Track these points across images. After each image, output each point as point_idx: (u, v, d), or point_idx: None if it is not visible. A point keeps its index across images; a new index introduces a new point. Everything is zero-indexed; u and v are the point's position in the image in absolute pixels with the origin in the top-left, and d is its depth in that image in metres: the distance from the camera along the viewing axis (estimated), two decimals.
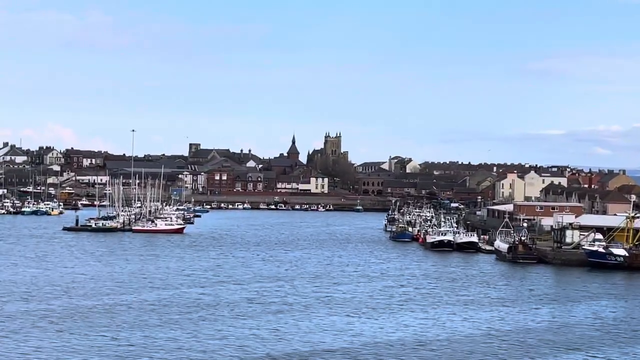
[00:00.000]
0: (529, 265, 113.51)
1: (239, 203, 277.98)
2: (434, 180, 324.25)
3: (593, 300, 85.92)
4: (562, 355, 60.67)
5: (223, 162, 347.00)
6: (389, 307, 79.09)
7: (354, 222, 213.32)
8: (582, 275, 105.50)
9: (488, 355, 59.37)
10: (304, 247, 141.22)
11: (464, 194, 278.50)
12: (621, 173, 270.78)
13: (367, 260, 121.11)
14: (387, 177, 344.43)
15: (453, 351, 60.47)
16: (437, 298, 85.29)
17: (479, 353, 59.93)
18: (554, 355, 60.63)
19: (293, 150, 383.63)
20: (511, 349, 61.91)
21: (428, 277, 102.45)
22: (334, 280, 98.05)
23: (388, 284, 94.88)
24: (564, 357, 60.22)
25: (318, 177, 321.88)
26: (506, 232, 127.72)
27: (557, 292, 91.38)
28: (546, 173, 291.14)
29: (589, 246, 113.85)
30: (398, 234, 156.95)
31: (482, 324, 71.45)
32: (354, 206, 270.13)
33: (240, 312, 73.95)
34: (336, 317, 72.30)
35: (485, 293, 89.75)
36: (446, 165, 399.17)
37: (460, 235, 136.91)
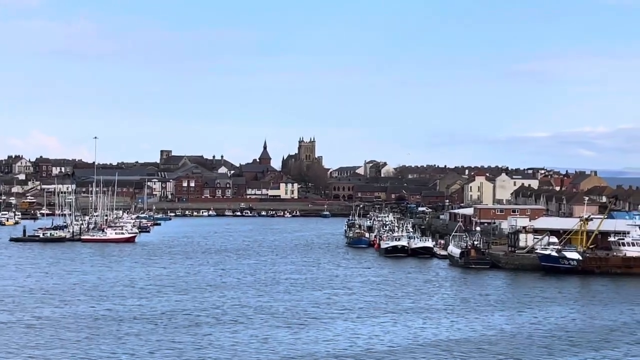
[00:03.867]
0: (481, 271, 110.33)
1: (204, 210, 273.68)
2: (405, 184, 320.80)
3: (545, 306, 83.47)
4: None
5: (193, 169, 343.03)
6: (328, 316, 76.86)
7: (318, 228, 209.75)
8: (535, 280, 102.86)
9: None
10: (258, 255, 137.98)
11: (433, 197, 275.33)
12: (592, 174, 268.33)
13: (318, 268, 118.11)
14: (358, 181, 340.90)
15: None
16: (378, 307, 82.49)
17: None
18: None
19: (265, 156, 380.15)
20: (458, 358, 59.86)
21: (373, 285, 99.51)
22: (279, 288, 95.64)
23: (332, 293, 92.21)
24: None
25: (288, 182, 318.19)
26: (460, 237, 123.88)
27: (508, 298, 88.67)
28: (518, 175, 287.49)
29: (542, 250, 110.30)
30: (354, 240, 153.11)
31: (424, 332, 69.35)
32: (322, 212, 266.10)
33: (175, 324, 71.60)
34: (273, 329, 70.10)
35: (432, 300, 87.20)
36: (422, 169, 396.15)
37: (415, 241, 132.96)
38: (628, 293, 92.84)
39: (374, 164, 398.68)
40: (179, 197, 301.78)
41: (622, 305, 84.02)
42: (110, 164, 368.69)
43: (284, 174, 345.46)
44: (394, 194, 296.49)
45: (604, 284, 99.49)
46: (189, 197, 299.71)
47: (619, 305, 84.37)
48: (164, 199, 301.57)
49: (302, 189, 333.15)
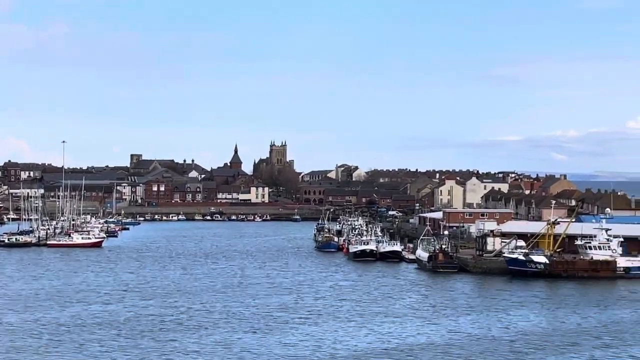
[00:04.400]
0: (449, 274, 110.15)
1: (173, 214, 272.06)
2: (376, 188, 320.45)
3: (512, 310, 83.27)
4: None
5: (164, 173, 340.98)
6: (294, 321, 76.41)
7: (289, 232, 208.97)
8: (502, 284, 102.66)
9: None
10: (227, 259, 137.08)
11: (403, 201, 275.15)
12: (562, 178, 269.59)
13: (286, 272, 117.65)
14: (329, 185, 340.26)
15: None
16: (345, 311, 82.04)
17: None
18: None
19: (236, 160, 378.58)
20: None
21: (341, 289, 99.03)
22: (247, 293, 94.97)
23: (299, 297, 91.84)
24: None
25: (259, 186, 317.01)
26: (428, 241, 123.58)
27: (475, 302, 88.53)
28: (488, 179, 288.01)
29: (510, 254, 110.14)
30: (323, 244, 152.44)
31: (390, 337, 68.90)
32: (292, 216, 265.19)
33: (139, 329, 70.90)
34: (239, 334, 69.58)
35: (399, 304, 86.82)
36: (394, 172, 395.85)
37: (383, 245, 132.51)
38: (594, 297, 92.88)
39: (346, 168, 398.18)
40: (148, 201, 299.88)
41: (589, 309, 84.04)
42: (80, 168, 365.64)
43: (255, 178, 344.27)
44: (364, 198, 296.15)
45: (571, 287, 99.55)
46: (159, 202, 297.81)
47: (585, 309, 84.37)
48: (133, 203, 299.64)
49: (273, 193, 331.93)
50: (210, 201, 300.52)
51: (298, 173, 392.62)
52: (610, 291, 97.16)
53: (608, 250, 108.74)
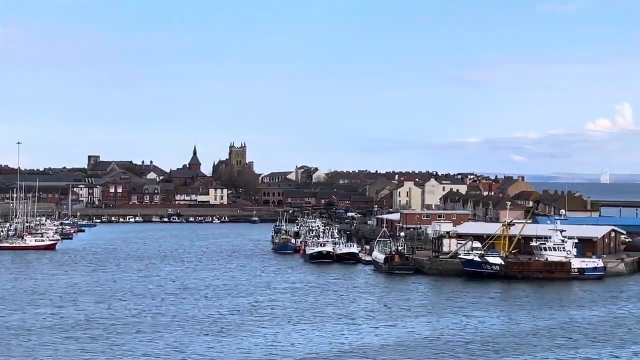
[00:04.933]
0: (405, 276, 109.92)
1: (130, 216, 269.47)
2: (335, 189, 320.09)
3: (467, 311, 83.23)
4: None
5: (121, 174, 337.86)
6: (248, 323, 75.85)
7: (247, 233, 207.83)
8: (458, 285, 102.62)
9: None
10: (183, 261, 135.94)
11: (362, 202, 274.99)
12: (520, 179, 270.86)
13: (242, 274, 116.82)
14: (288, 187, 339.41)
15: None
16: (300, 314, 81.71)
17: None
18: None
19: (194, 162, 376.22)
20: None
21: (297, 291, 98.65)
22: (201, 295, 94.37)
23: (254, 299, 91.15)
24: None
25: (217, 188, 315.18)
26: (384, 242, 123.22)
27: (430, 304, 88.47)
28: (447, 181, 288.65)
29: (465, 255, 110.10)
30: (280, 246, 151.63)
31: (344, 339, 68.68)
32: (251, 217, 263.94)
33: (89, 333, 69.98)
34: (191, 337, 68.80)
35: (354, 306, 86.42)
36: (354, 174, 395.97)
37: (340, 246, 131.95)
38: (549, 298, 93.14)
39: (305, 170, 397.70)
40: (105, 203, 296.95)
41: (543, 310, 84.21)
42: (37, 170, 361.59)
43: (214, 180, 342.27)
44: (323, 200, 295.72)
45: (526, 288, 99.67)
46: (116, 203, 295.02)
47: (539, 310, 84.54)
48: (90, 205, 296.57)
49: (232, 194, 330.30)
50: (169, 203, 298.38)
51: (258, 174, 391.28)
52: (564, 292, 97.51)
53: (563, 252, 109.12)
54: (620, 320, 79.28)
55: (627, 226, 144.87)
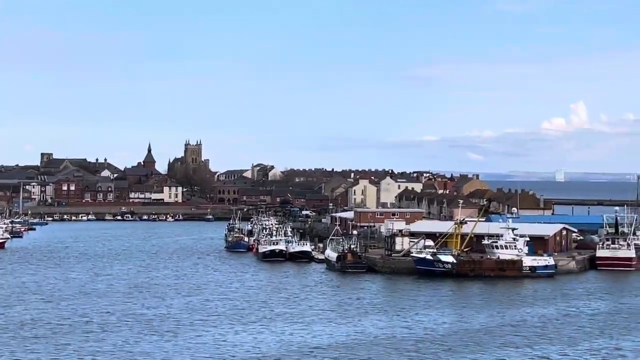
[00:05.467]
0: (358, 275, 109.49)
1: (83, 214, 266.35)
2: (291, 187, 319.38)
3: (418, 310, 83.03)
4: None
5: (75, 172, 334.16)
6: (198, 323, 75.15)
7: (201, 232, 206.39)
8: (410, 284, 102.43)
9: None
10: (134, 260, 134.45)
11: (317, 201, 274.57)
12: (475, 178, 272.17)
13: (194, 273, 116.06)
14: (244, 185, 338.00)
15: None
16: (251, 313, 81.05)
17: None
18: None
19: (149, 159, 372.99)
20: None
21: (248, 290, 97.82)
22: (152, 294, 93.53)
23: (205, 298, 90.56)
24: None
25: (172, 186, 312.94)
26: (337, 241, 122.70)
27: (382, 302, 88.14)
28: (402, 179, 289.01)
29: (418, 253, 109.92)
30: (233, 244, 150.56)
31: (294, 339, 68.27)
32: (205, 215, 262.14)
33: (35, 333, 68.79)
34: (139, 337, 68.08)
35: (305, 305, 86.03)
36: (310, 172, 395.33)
37: (293, 245, 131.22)
38: (500, 296, 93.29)
39: (262, 168, 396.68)
40: (58, 201, 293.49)
41: (494, 308, 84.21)
42: None
43: (169, 178, 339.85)
44: (279, 198, 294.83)
45: (477, 287, 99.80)
46: (69, 201, 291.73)
47: (491, 308, 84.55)
48: (42, 203, 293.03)
49: (188, 192, 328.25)
50: (122, 201, 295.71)
51: (214, 172, 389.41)
52: (516, 290, 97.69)
53: (514, 250, 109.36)
54: (571, 318, 79.61)
55: (579, 224, 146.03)
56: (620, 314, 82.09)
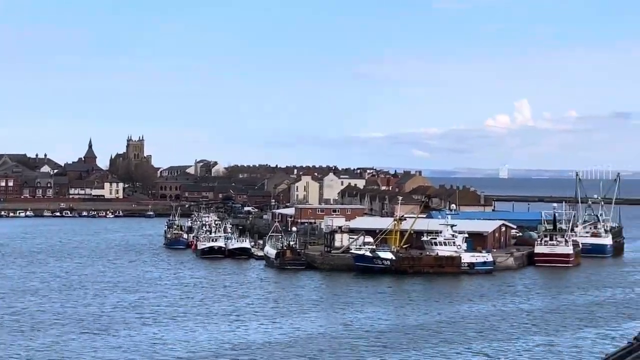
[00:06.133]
0: (297, 271, 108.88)
1: (20, 210, 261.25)
2: (233, 183, 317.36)
3: (356, 307, 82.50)
4: None
5: (13, 168, 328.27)
6: (133, 321, 74.32)
7: (141, 228, 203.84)
8: (349, 281, 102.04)
9: None
10: (71, 257, 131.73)
11: (259, 197, 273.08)
12: (417, 174, 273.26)
13: (131, 270, 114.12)
14: (186, 181, 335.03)
15: None
16: (188, 311, 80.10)
17: None
18: None
19: (90, 155, 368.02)
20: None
21: (186, 288, 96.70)
22: (87, 292, 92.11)
23: (142, 296, 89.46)
24: None
25: (113, 182, 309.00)
26: (276, 237, 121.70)
27: (320, 299, 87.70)
28: (346, 175, 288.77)
29: (357, 250, 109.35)
30: (172, 241, 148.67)
31: (230, 336, 67.69)
32: (146, 212, 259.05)
33: None
34: (70, 336, 66.97)
35: (243, 303, 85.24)
36: (254, 168, 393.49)
37: (232, 242, 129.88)
38: (439, 292, 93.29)
39: (205, 164, 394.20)
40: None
41: (433, 305, 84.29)
42: None
43: (111, 174, 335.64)
44: (221, 194, 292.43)
45: (416, 283, 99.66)
46: (7, 197, 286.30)
47: (429, 304, 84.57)
48: None
49: (130, 188, 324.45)
50: (62, 197, 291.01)
51: (157, 168, 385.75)
52: (454, 287, 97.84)
53: (453, 246, 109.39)
54: (508, 315, 79.77)
55: (518, 220, 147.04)
56: (557, 311, 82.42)
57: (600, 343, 66.80)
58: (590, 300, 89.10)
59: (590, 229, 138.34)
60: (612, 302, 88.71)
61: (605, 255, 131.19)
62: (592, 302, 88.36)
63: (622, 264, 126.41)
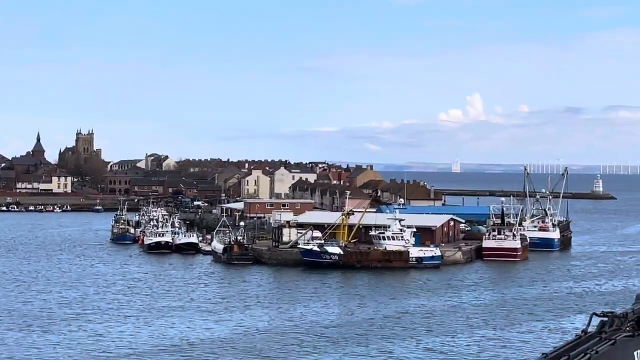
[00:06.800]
0: (244, 266, 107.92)
1: None
2: (184, 177, 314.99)
3: (304, 302, 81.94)
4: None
5: None
6: (75, 317, 73.12)
7: (89, 223, 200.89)
8: (296, 276, 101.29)
9: None
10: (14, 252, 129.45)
11: (209, 191, 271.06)
12: (368, 168, 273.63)
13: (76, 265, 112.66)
14: (136, 175, 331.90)
15: None
16: (132, 306, 79.08)
17: None
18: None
19: (38, 148, 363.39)
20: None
21: (131, 283, 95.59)
22: (29, 288, 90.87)
23: (86, 292, 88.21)
24: None
25: (61, 176, 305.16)
26: (224, 232, 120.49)
27: (267, 295, 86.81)
28: (297, 169, 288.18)
29: (305, 245, 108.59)
30: (118, 236, 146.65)
31: (172, 333, 66.67)
32: (95, 206, 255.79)
33: None
34: (6, 332, 66.07)
35: (188, 298, 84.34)
36: (205, 162, 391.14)
37: (179, 236, 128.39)
38: (386, 287, 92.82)
39: (156, 158, 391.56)
40: None
41: (380, 300, 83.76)
42: None
43: (60, 168, 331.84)
44: (171, 188, 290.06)
45: (364, 278, 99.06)
46: None
47: (375, 300, 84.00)
48: None
49: (79, 182, 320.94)
50: (9, 191, 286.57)
51: (107, 162, 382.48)
52: (401, 281, 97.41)
53: (401, 241, 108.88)
54: (456, 309, 79.48)
55: (467, 215, 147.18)
56: (505, 305, 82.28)
57: (548, 337, 66.72)
58: (537, 294, 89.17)
59: (538, 223, 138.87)
60: (558, 296, 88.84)
61: (552, 249, 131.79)
62: (540, 296, 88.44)
63: (569, 258, 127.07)
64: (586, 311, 78.89)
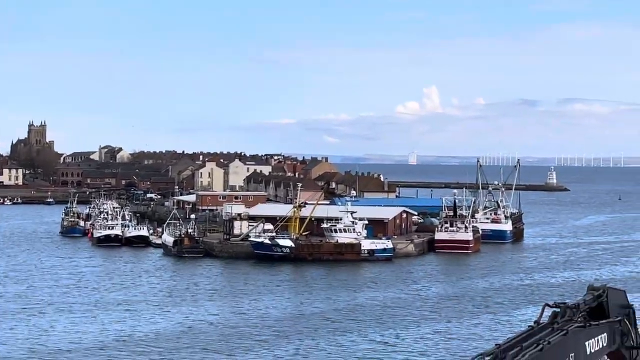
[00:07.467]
0: (195, 260, 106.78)
1: None
2: (137, 170, 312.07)
3: (254, 295, 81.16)
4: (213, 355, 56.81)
5: None
6: (19, 312, 71.99)
7: (40, 215, 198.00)
8: (247, 269, 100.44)
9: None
10: None
11: (163, 183, 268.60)
12: (324, 160, 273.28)
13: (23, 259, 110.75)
14: (89, 167, 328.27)
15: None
16: (78, 301, 77.82)
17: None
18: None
19: None
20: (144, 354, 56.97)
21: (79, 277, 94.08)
22: None
23: (31, 286, 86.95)
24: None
25: (12, 168, 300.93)
26: (174, 225, 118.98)
27: (217, 288, 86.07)
28: (252, 162, 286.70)
29: (256, 237, 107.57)
30: (68, 229, 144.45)
31: (118, 327, 65.75)
32: (46, 199, 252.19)
33: None
34: None
35: (136, 292, 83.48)
36: (160, 154, 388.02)
37: (129, 229, 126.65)
38: (338, 280, 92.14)
39: (109, 150, 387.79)
40: None
41: (330, 293, 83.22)
42: None
43: (12, 159, 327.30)
44: (124, 180, 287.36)
45: (316, 271, 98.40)
46: None
47: (326, 293, 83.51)
48: None
49: (31, 174, 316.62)
50: None
51: (60, 154, 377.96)
52: (353, 274, 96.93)
53: (353, 233, 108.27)
54: (407, 302, 79.16)
55: (420, 207, 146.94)
56: (456, 297, 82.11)
57: (498, 329, 66.60)
58: (488, 287, 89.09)
59: (490, 215, 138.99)
60: (510, 288, 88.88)
61: (505, 241, 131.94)
62: (491, 288, 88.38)
63: (521, 250, 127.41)
64: (538, 302, 78.92)
